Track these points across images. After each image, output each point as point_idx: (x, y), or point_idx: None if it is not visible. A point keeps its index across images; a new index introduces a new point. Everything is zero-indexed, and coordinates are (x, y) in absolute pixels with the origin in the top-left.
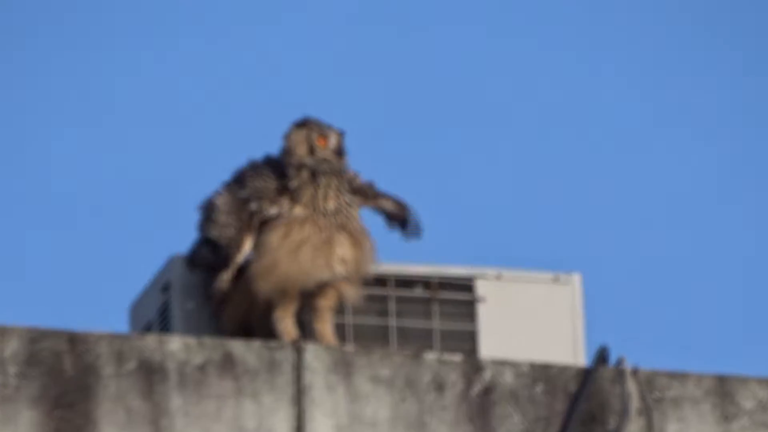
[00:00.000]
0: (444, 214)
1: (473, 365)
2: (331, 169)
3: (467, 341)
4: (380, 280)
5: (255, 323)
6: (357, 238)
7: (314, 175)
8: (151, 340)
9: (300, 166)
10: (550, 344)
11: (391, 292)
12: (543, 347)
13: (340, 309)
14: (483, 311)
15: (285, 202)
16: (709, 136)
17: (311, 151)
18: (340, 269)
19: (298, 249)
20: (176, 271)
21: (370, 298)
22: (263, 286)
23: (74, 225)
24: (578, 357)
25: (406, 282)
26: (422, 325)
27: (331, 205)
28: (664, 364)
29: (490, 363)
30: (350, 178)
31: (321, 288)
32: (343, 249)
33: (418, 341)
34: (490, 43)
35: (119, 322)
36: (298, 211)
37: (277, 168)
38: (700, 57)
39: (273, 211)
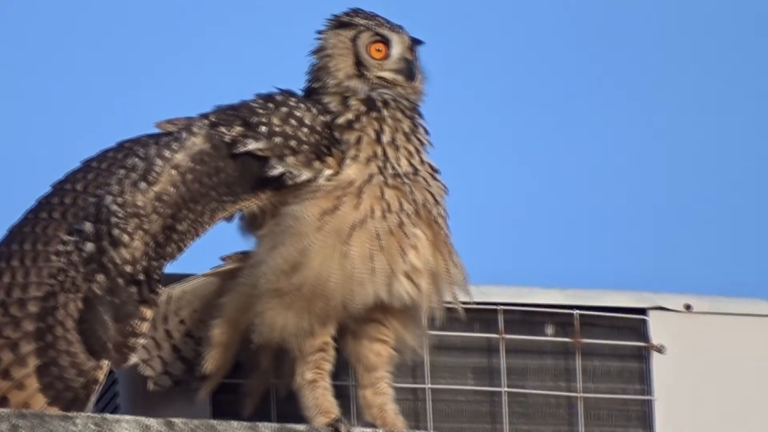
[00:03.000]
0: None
1: None
2: (400, 99)
3: (634, 420)
4: (479, 313)
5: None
6: (440, 237)
7: (372, 108)
8: (83, 424)
9: (345, 94)
10: None
11: (500, 333)
12: None
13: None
14: (661, 367)
15: (325, 164)
16: None
17: (359, 66)
18: (407, 289)
19: (348, 238)
20: None
21: (463, 346)
22: (271, 308)
23: None
24: None
25: (525, 318)
26: (555, 389)
27: (404, 165)
28: None
29: None
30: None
31: (370, 321)
32: (417, 251)
33: (548, 420)
34: None
35: None
36: (352, 172)
37: (306, 104)
38: None
39: (305, 175)
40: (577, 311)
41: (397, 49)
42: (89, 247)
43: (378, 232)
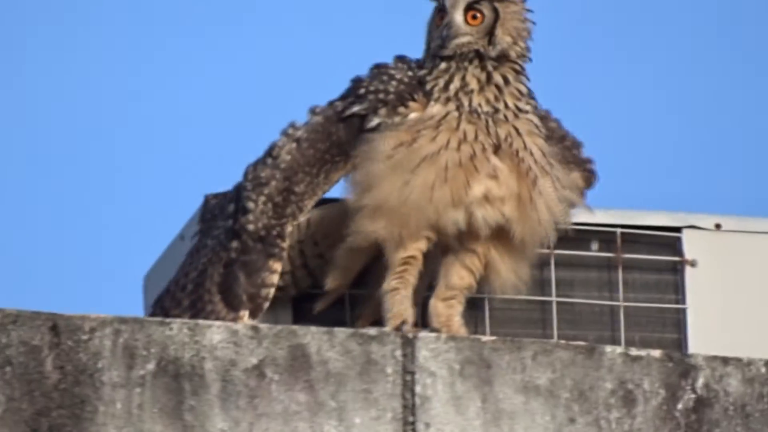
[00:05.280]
0: (631, 143)
1: (679, 365)
2: (457, 48)
3: (669, 327)
4: None
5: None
6: (523, 168)
7: (444, 59)
8: (178, 329)
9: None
10: None
11: (551, 249)
12: None
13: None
14: (693, 280)
15: (409, 108)
16: None
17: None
18: (484, 212)
19: (415, 168)
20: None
21: None
22: (361, 225)
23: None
24: None
25: (573, 235)
26: (599, 299)
27: (479, 102)
28: None
29: (704, 362)
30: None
31: (468, 250)
32: (493, 179)
33: (592, 326)
34: None
35: (131, 303)
36: (434, 110)
37: (406, 64)
38: None
39: (395, 121)
40: (620, 229)
41: (447, 17)
42: (229, 223)
43: (447, 165)
